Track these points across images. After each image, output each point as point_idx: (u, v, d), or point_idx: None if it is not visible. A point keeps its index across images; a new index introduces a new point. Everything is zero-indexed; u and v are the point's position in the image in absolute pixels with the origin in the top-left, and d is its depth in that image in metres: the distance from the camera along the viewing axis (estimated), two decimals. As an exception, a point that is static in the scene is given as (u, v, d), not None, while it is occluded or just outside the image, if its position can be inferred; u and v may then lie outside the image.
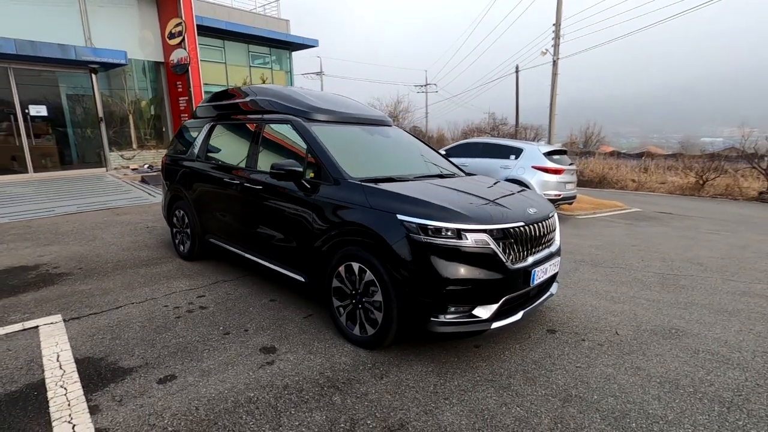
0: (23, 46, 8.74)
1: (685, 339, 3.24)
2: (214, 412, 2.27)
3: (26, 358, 2.84)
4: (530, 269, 2.83)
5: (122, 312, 3.59)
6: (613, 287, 4.44)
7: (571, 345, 3.10)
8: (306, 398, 2.40)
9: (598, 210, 10.53)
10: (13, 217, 6.89)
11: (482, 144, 9.81)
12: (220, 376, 2.62)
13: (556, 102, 19.32)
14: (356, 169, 3.25)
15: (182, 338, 3.11)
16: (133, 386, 2.50)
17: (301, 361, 2.80)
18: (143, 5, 11.80)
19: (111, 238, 6.03)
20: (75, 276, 4.50)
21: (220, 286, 4.23)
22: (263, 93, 4.23)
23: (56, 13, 10.02)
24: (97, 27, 10.73)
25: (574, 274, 4.85)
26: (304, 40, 19.59)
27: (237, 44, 17.87)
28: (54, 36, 9.71)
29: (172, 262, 4.97)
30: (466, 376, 2.66)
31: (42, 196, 8.11)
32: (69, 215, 7.31)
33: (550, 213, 3.21)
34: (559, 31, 18.34)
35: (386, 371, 2.70)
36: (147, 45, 12.06)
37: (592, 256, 5.73)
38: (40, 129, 10.03)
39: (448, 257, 2.59)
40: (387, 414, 2.27)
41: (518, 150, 8.97)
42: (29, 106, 9.68)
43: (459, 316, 2.66)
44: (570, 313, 3.71)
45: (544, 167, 8.50)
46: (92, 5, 10.65)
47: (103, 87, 11.68)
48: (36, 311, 3.60)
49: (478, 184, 3.54)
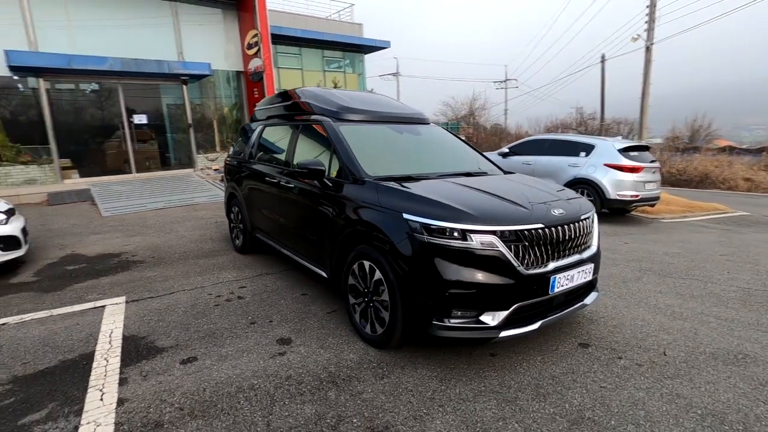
0: (128, 63, 10.16)
1: (752, 367, 2.73)
2: (217, 394, 2.44)
3: (88, 332, 3.30)
4: (549, 276, 2.60)
5: (173, 297, 3.99)
6: (678, 301, 3.89)
7: (602, 362, 2.79)
8: (303, 391, 2.47)
9: (690, 213, 9.27)
10: (114, 212, 8.01)
11: (549, 140, 9.16)
12: (234, 362, 2.80)
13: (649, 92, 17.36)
14: (376, 168, 3.25)
15: (213, 324, 3.38)
16: (159, 364, 2.78)
17: (311, 355, 2.88)
18: (228, 20, 12.97)
19: (184, 231, 6.74)
20: (146, 263, 5.10)
21: (263, 278, 4.50)
22: (306, 95, 4.40)
23: (155, 33, 11.47)
24: (188, 43, 12.05)
25: (634, 284, 4.33)
26: (375, 43, 19.97)
27: (312, 50, 18.77)
28: (153, 53, 11.13)
29: (228, 255, 5.40)
30: (470, 385, 2.52)
31: (139, 193, 9.32)
32: (157, 210, 8.31)
33: (583, 216, 2.91)
34: (654, 13, 16.42)
35: (389, 372, 2.66)
36: (230, 56, 13.24)
37: (664, 264, 5.07)
38: (141, 135, 11.56)
39: (452, 259, 2.48)
40: (375, 414, 2.25)
41: (589, 146, 8.23)
42: (133, 115, 11.21)
43: (465, 321, 2.53)
44: (613, 327, 3.32)
45: (618, 165, 7.69)
46: (185, 24, 11.99)
47: (194, 96, 13.07)
48: (108, 293, 4.16)
49: (506, 183, 3.33)
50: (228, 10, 12.87)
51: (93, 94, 11.20)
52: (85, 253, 5.56)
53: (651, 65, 16.84)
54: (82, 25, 10.44)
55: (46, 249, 5.78)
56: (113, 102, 11.08)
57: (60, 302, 3.92)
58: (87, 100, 11.26)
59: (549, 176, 8.51)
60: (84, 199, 9.22)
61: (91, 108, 11.31)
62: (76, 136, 10.87)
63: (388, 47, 20.28)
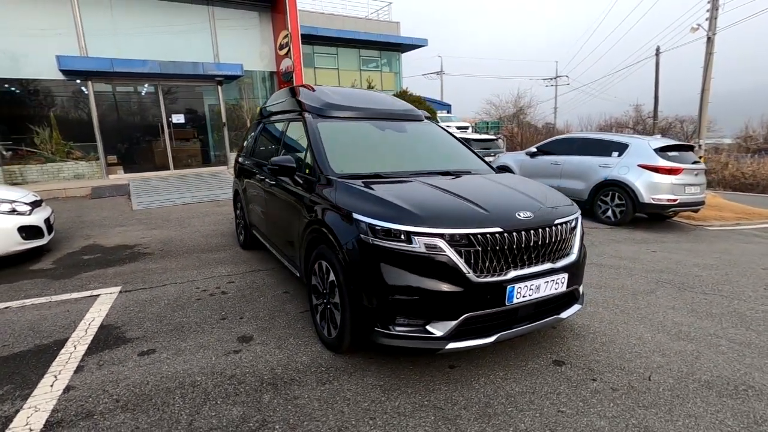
0: (166, 66, 10.74)
1: (753, 402, 2.34)
2: (157, 389, 2.45)
3: (72, 319, 3.46)
4: (506, 285, 2.36)
5: (163, 290, 4.11)
6: (690, 319, 3.45)
7: (572, 383, 2.51)
8: (239, 391, 2.42)
9: (745, 221, 8.32)
10: (144, 205, 8.49)
11: (580, 139, 8.56)
12: (188, 357, 2.81)
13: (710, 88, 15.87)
14: (345, 166, 3.14)
15: (186, 318, 3.43)
16: (119, 354, 2.85)
17: (264, 355, 2.83)
18: (263, 22, 13.36)
19: (200, 226, 6.98)
20: (154, 256, 5.32)
21: (254, 274, 4.53)
22: (303, 93, 4.37)
23: (193, 37, 12.06)
24: (224, 45, 12.55)
25: (644, 298, 3.90)
26: (412, 41, 19.79)
27: (348, 50, 18.93)
28: (191, 55, 11.70)
29: (231, 250, 5.51)
30: (413, 398, 2.35)
31: (171, 189, 9.82)
32: (182, 205, 8.70)
33: (558, 220, 2.63)
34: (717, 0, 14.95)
35: (334, 377, 2.55)
36: (265, 57, 13.63)
37: (689, 277, 4.54)
38: (179, 134, 12.19)
39: (395, 262, 2.33)
40: (300, 422, 2.15)
41: (622, 146, 7.59)
42: (171, 115, 11.85)
43: (410, 330, 2.37)
44: (600, 344, 2.99)
45: (653, 166, 7.03)
46: (221, 27, 12.50)
47: (232, 96, 13.60)
48: (108, 282, 4.37)
49: (483, 184, 3.10)
50: (263, 12, 13.26)
51: (135, 95, 11.97)
52: (104, 244, 5.90)
53: (712, 58, 15.37)
54: (127, 32, 11.18)
55: (73, 239, 6.21)
56: (153, 102, 11.78)
57: (63, 289, 4.17)
58: (129, 100, 12.06)
59: (578, 177, 7.99)
60: (122, 193, 9.85)
61: (134, 108, 12.09)
62: (120, 135, 11.67)
63: (425, 45, 20.03)
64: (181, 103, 12.30)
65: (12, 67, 10.21)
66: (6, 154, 10.35)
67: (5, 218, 4.80)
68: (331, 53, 18.38)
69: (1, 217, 4.78)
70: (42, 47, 10.20)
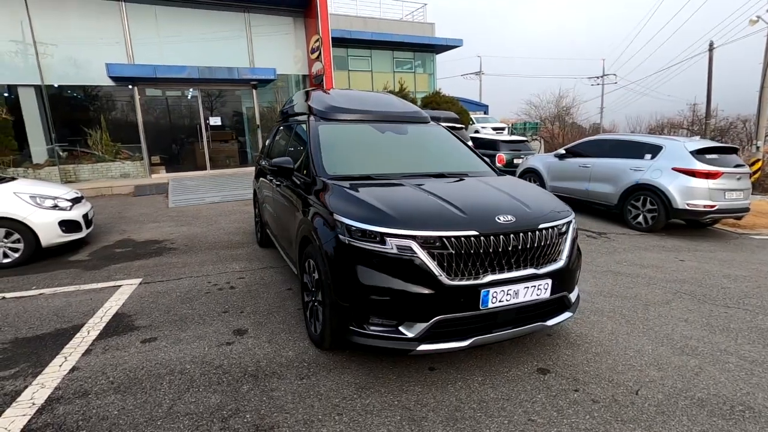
0: (203, 71, 11.36)
1: (748, 424, 2.17)
2: (150, 374, 2.62)
3: (92, 306, 3.76)
4: (481, 289, 2.34)
5: (178, 282, 4.37)
6: (702, 333, 3.23)
7: (551, 393, 2.44)
8: (222, 380, 2.55)
9: (800, 230, 7.60)
10: (178, 203, 9.00)
11: (611, 141, 8.18)
12: (185, 346, 2.98)
13: (771, 84, 14.55)
14: (338, 167, 3.22)
15: (192, 310, 3.63)
16: (124, 341, 3.08)
17: (253, 348, 2.96)
18: (297, 27, 13.78)
19: (225, 224, 7.31)
20: (178, 251, 5.65)
21: (264, 271, 4.71)
22: (311, 96, 4.51)
23: (230, 43, 12.70)
24: (259, 50, 13.09)
25: (656, 309, 3.69)
26: (447, 41, 19.65)
27: (383, 52, 19.07)
28: (228, 61, 12.31)
29: (249, 247, 5.75)
30: (385, 397, 2.38)
31: (205, 188, 10.34)
32: (212, 204, 9.14)
33: (543, 225, 2.57)
34: (780, -12, 13.75)
35: (313, 373, 2.63)
36: (299, 61, 14.05)
37: (713, 288, 4.24)
38: (217, 136, 12.84)
39: (369, 263, 2.37)
40: (269, 413, 2.24)
41: (656, 147, 7.18)
42: (209, 117, 12.48)
43: (383, 330, 2.40)
44: (594, 354, 2.88)
45: (689, 169, 6.59)
46: (257, 34, 13.05)
47: (266, 99, 14.12)
48: (132, 274, 4.69)
49: (473, 186, 3.08)
50: (297, 18, 13.67)
51: (176, 99, 12.71)
52: (136, 239, 6.33)
53: (774, 52, 14.09)
54: (169, 40, 11.92)
55: (110, 233, 6.70)
56: (192, 106, 12.46)
57: (91, 279, 4.53)
58: (171, 104, 12.83)
59: (607, 181, 7.64)
60: (161, 192, 10.49)
61: (175, 111, 12.85)
62: (163, 136, 12.45)
63: (460, 45, 19.81)
64: (218, 107, 12.95)
65: (75, 75, 11.22)
66: (63, 155, 11.33)
67: (48, 213, 5.27)
68: (364, 56, 18.61)
69: (45, 211, 5.26)
70: (96, 56, 11.09)
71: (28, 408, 2.29)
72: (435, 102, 16.61)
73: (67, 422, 2.18)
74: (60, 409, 2.28)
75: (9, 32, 10.48)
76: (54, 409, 2.28)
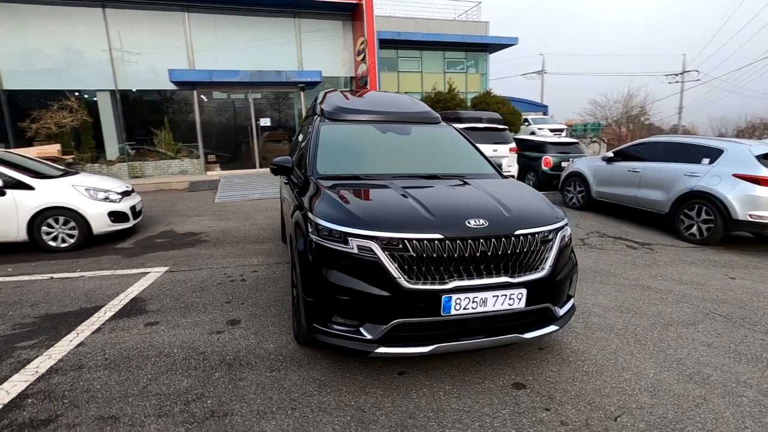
0: (254, 75, 12.03)
1: (738, 467, 1.89)
2: (140, 354, 2.84)
3: (117, 290, 4.13)
4: (442, 294, 2.26)
5: (198, 273, 4.67)
6: (723, 361, 2.86)
7: (518, 410, 2.29)
8: (198, 366, 2.69)
9: None
10: (223, 199, 9.59)
11: (665, 143, 7.45)
12: (180, 332, 3.19)
13: None
14: (330, 167, 3.27)
15: (199, 299, 3.87)
16: (130, 323, 3.35)
17: (239, 338, 3.09)
18: (345, 31, 14.13)
19: (260, 219, 7.67)
20: (209, 243, 6.03)
21: (278, 266, 4.89)
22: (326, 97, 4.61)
23: (280, 47, 13.37)
24: (308, 53, 13.61)
25: (677, 329, 3.32)
26: (501, 40, 19.06)
27: (433, 52, 18.92)
28: (277, 64, 12.92)
29: (273, 243, 5.99)
30: (343, 397, 2.39)
31: (250, 185, 10.92)
32: (252, 200, 9.63)
33: (521, 231, 2.42)
34: None
35: (284, 366, 2.69)
36: (346, 63, 14.37)
37: (756, 311, 3.72)
38: (266, 136, 13.53)
39: (333, 262, 2.39)
40: (228, 401, 2.33)
41: (716, 151, 6.44)
42: (260, 118, 13.18)
43: (345, 330, 2.40)
44: (584, 373, 2.66)
45: (753, 176, 5.84)
46: (306, 38, 13.59)
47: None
48: (162, 263, 5.09)
49: (460, 189, 2.96)
50: (346, 21, 13.99)
51: (229, 101, 13.56)
52: (177, 231, 6.84)
53: None
54: (225, 45, 12.76)
55: (156, 224, 7.31)
56: (245, 107, 13.23)
57: (127, 266, 4.98)
58: (225, 106, 13.72)
59: (658, 187, 6.98)
60: (213, 188, 11.23)
61: (229, 112, 13.73)
62: (218, 136, 13.37)
63: (515, 44, 19.11)
64: (268, 108, 13.64)
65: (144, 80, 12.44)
66: (131, 153, 12.55)
67: (100, 204, 5.88)
68: (414, 57, 18.58)
69: (97, 203, 5.86)
70: (162, 62, 12.17)
71: (30, 375, 2.59)
72: (485, 102, 16.16)
73: (56, 391, 2.43)
74: (55, 379, 2.55)
75: (91, 43, 11.83)
76: (50, 379, 2.55)
